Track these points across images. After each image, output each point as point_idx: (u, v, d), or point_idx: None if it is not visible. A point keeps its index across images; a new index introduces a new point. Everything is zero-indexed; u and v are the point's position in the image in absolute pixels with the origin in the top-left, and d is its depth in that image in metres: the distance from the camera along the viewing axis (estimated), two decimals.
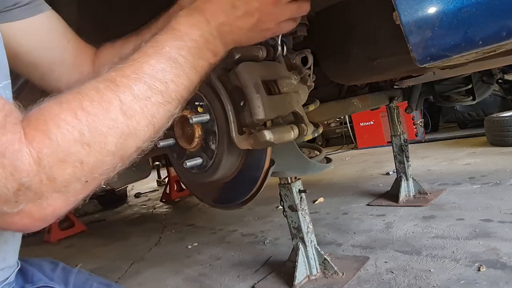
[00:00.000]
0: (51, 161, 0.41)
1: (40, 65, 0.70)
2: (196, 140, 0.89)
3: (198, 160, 0.90)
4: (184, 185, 2.20)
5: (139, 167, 2.58)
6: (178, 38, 0.54)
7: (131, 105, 0.47)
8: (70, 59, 0.73)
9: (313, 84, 0.92)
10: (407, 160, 2.86)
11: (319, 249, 1.91)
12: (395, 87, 2.56)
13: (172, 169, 5.30)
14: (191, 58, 0.54)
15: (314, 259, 1.90)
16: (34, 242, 4.33)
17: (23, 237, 0.68)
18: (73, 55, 0.74)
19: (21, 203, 0.41)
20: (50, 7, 0.70)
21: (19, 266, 0.69)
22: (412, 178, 2.91)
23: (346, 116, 6.67)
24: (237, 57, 0.71)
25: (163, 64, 0.51)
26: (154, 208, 5.21)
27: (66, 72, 0.73)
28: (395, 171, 2.96)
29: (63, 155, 0.42)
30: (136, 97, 0.47)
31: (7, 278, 0.64)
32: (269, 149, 0.94)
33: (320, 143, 7.20)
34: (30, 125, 0.42)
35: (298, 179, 1.85)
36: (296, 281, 1.82)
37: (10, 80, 0.52)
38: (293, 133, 0.82)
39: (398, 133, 2.89)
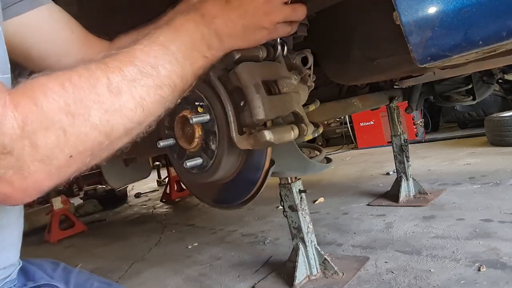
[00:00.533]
0: (35, 127, 0.41)
1: (47, 58, 0.70)
2: (196, 140, 0.88)
3: (198, 160, 0.90)
4: (184, 185, 2.20)
5: (139, 167, 2.58)
6: (172, 30, 0.57)
7: (118, 84, 0.48)
8: (76, 49, 0.73)
9: (313, 84, 0.92)
10: (407, 160, 2.86)
11: (319, 249, 1.91)
12: (395, 87, 2.55)
13: (172, 169, 5.30)
14: (185, 48, 0.56)
15: (314, 259, 1.90)
16: (34, 242, 4.35)
17: (24, 236, 0.68)
18: (79, 45, 0.74)
19: (2, 168, 0.41)
20: (51, 0, 0.70)
21: (21, 265, 0.69)
22: (412, 178, 2.91)
23: (346, 116, 6.67)
24: (237, 57, 0.70)
25: (155, 51, 0.53)
26: (154, 208, 5.21)
27: (74, 63, 0.73)
28: (395, 171, 2.96)
29: (47, 123, 0.42)
30: (125, 77, 0.49)
31: (9, 276, 0.64)
32: (269, 149, 0.94)
33: (320, 143, 7.20)
34: (17, 92, 0.43)
35: (298, 179, 1.86)
36: (296, 281, 1.82)
37: (9, 75, 0.52)
38: (293, 133, 0.82)
39: (398, 133, 2.89)
